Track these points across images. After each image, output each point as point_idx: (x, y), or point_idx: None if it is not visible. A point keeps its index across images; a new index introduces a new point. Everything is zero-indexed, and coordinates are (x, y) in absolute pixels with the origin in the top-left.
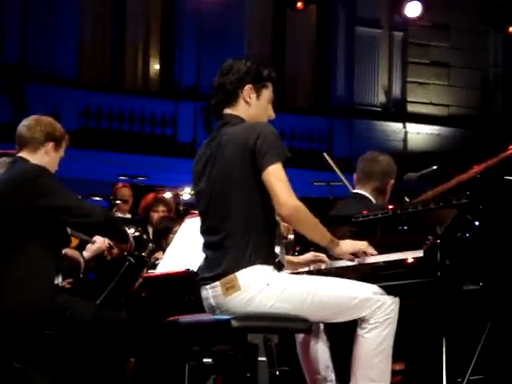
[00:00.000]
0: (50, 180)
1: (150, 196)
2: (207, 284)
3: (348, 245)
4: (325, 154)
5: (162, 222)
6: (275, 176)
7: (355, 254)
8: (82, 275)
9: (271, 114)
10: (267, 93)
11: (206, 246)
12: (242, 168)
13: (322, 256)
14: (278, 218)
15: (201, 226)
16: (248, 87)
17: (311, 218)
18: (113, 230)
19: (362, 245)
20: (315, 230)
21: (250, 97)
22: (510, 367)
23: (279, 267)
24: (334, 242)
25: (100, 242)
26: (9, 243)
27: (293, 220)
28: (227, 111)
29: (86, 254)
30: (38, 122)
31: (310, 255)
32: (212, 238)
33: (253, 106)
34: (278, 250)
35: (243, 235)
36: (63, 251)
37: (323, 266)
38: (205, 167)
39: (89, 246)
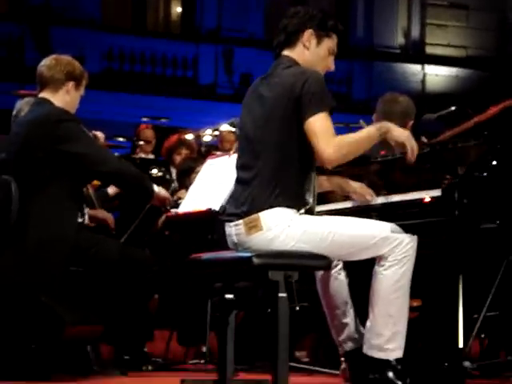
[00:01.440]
0: (72, 124)
1: (173, 138)
2: (231, 221)
3: (400, 131)
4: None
5: (186, 163)
6: (316, 126)
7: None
8: (114, 232)
9: (330, 65)
10: (329, 42)
11: (237, 182)
12: (284, 111)
13: (368, 191)
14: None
15: (236, 161)
16: (309, 32)
17: (352, 145)
18: (131, 183)
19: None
20: (362, 145)
21: (309, 42)
22: None
23: (309, 213)
24: (382, 130)
25: None
26: (33, 184)
27: (340, 163)
28: (285, 52)
29: (110, 190)
30: (58, 62)
31: (357, 185)
32: (243, 174)
33: (310, 52)
34: (311, 194)
35: (273, 176)
36: (92, 213)
37: (339, 205)
38: (252, 104)
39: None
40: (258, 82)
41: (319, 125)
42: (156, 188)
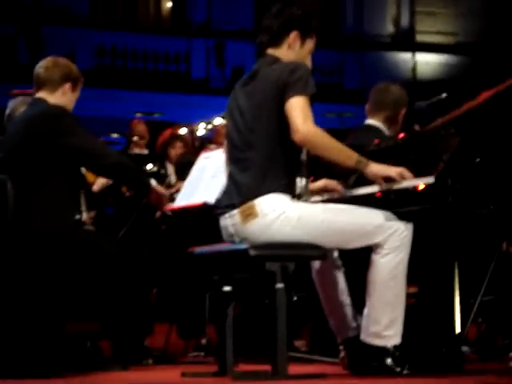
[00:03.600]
0: (70, 120)
1: (167, 132)
2: (226, 213)
3: (379, 168)
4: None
5: (184, 157)
6: (295, 106)
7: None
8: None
9: (309, 63)
10: (311, 43)
11: (230, 175)
12: (272, 102)
13: (334, 184)
14: (303, 156)
15: (226, 156)
16: (295, 33)
17: (329, 141)
18: (130, 177)
19: (394, 170)
20: (337, 151)
21: (294, 43)
22: None
23: (298, 199)
24: (363, 162)
25: None
26: (30, 182)
27: (308, 145)
28: (270, 51)
29: (95, 187)
30: (56, 64)
31: (321, 183)
32: (236, 166)
33: (294, 53)
34: (302, 182)
35: (265, 165)
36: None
37: (336, 195)
38: (239, 101)
39: (98, 179)
40: (243, 82)
41: (299, 104)
42: (154, 183)
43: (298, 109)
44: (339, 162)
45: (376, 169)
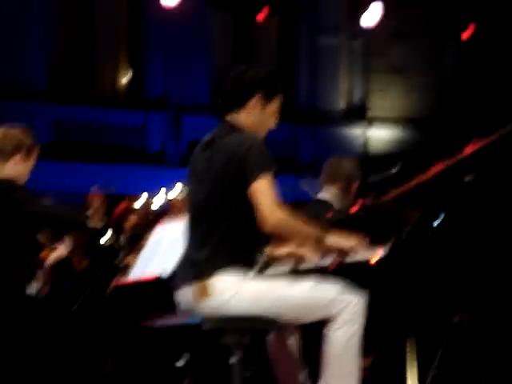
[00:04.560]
0: (20, 190)
1: (122, 205)
2: (181, 287)
3: (335, 239)
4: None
5: (136, 229)
6: (259, 191)
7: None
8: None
9: (272, 125)
10: (275, 104)
11: (186, 248)
12: (229, 179)
13: (303, 251)
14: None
15: (186, 228)
16: (257, 96)
17: (295, 228)
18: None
19: (351, 240)
20: (300, 236)
21: (256, 105)
22: (474, 361)
23: (261, 272)
24: (321, 238)
25: (61, 248)
26: None
27: (276, 234)
28: (228, 117)
29: (47, 262)
30: (7, 134)
31: (288, 249)
32: (192, 241)
33: (256, 115)
34: (261, 257)
35: (221, 242)
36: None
37: (287, 267)
38: (197, 170)
39: (52, 254)
40: (201, 147)
41: (262, 188)
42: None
43: (262, 195)
44: (303, 244)
45: (333, 240)
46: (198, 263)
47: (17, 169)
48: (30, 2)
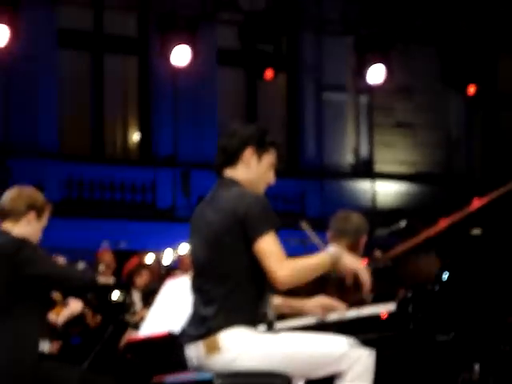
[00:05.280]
0: (31, 249)
1: (134, 261)
2: (191, 343)
3: (352, 259)
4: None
5: (152, 285)
6: (265, 250)
7: (331, 309)
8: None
9: (271, 179)
10: (269, 158)
11: (194, 304)
12: (231, 235)
13: (330, 302)
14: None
15: (191, 283)
16: (249, 150)
17: (306, 270)
18: (97, 293)
19: (359, 266)
20: (314, 273)
21: (250, 160)
22: None
23: (270, 327)
24: (334, 257)
25: (74, 305)
26: None
27: (293, 286)
28: (227, 173)
29: (60, 319)
30: (20, 193)
31: (317, 302)
32: (199, 296)
33: (252, 169)
34: (268, 309)
35: (228, 298)
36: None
37: (299, 322)
38: (199, 228)
39: (63, 311)
40: (202, 205)
41: (268, 246)
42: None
43: (268, 253)
44: (320, 274)
45: (349, 261)
46: (207, 319)
47: (29, 227)
48: (42, 66)
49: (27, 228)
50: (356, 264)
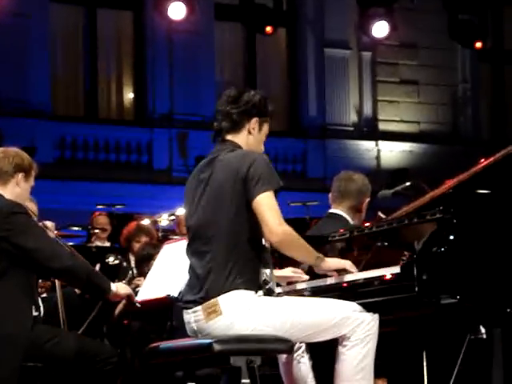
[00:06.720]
0: (23, 218)
1: (132, 225)
2: (189, 308)
3: (333, 261)
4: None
5: (145, 249)
6: (265, 204)
7: (337, 272)
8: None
9: (262, 148)
10: (267, 127)
11: (191, 268)
12: (232, 194)
13: (300, 272)
14: (266, 244)
15: (187, 248)
16: (254, 120)
17: (300, 242)
18: (80, 282)
19: (345, 262)
20: (303, 251)
21: (254, 129)
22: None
23: (269, 293)
24: (320, 258)
25: (123, 290)
26: None
27: (283, 246)
28: (229, 137)
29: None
30: (6, 155)
31: (287, 270)
32: (197, 260)
33: (254, 137)
34: (268, 273)
35: (227, 260)
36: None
37: (300, 285)
38: (197, 189)
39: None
40: (199, 168)
41: (269, 201)
42: (114, 287)
43: (268, 208)
44: (301, 260)
45: (330, 263)
46: (205, 283)
47: (18, 188)
48: (33, 22)
49: (16, 189)
50: (340, 263)
